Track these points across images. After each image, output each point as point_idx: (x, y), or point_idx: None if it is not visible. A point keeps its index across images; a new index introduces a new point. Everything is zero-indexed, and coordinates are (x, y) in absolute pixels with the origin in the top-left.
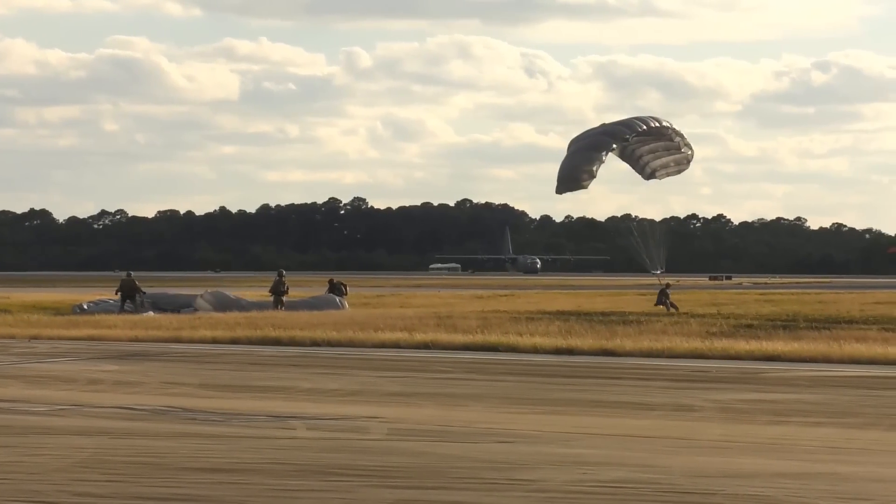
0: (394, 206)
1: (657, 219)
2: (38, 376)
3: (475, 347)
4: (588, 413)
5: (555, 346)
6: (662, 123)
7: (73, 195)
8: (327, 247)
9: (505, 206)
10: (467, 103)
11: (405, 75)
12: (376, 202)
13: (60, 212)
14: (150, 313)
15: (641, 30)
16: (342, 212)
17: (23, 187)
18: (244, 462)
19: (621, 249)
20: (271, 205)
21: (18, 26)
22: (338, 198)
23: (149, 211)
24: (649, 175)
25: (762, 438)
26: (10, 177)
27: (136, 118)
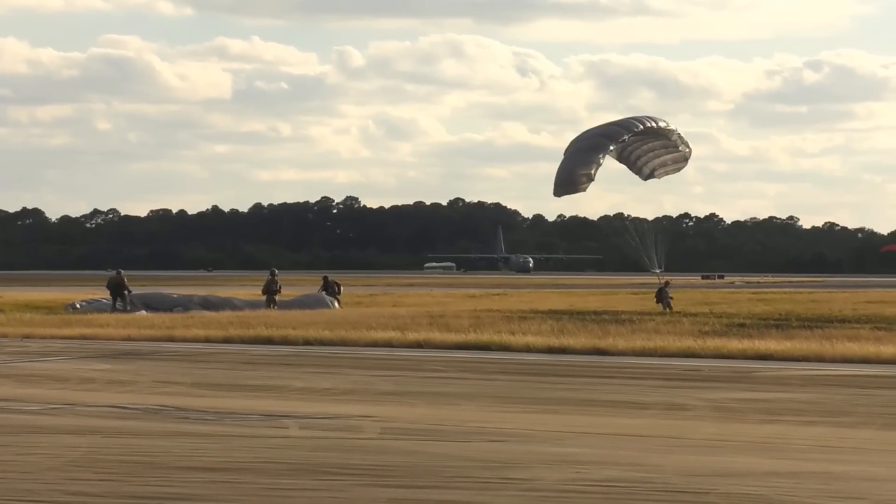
0: (386, 206)
1: (650, 218)
2: (30, 375)
3: (468, 346)
4: (580, 412)
5: (547, 346)
6: (658, 124)
7: (66, 194)
8: (320, 246)
9: (497, 205)
10: (460, 102)
11: (397, 74)
12: (369, 201)
13: (53, 211)
14: (143, 312)
15: (634, 29)
16: (335, 211)
17: (15, 186)
18: (237, 461)
19: (614, 248)
20: (264, 204)
21: (10, 25)
22: (330, 197)
23: (141, 210)
24: (648, 175)
25: (755, 437)
26: (2, 176)
27: (128, 117)
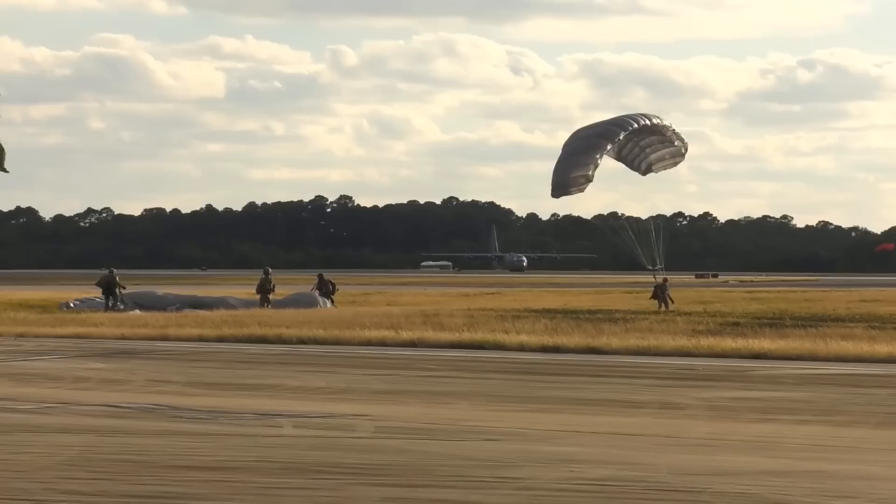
0: (380, 204)
1: (643, 216)
2: (24, 374)
3: (462, 345)
4: (574, 411)
5: (541, 344)
6: (653, 121)
7: (60, 193)
8: (314, 245)
9: (491, 203)
10: (453, 101)
11: (391, 73)
12: (362, 200)
13: (47, 210)
14: (137, 311)
15: (627, 28)
16: (328, 210)
17: (9, 185)
18: (231, 460)
19: (608, 247)
20: (257, 203)
21: (3, 24)
22: (324, 196)
23: (135, 209)
24: (646, 170)
25: (749, 436)
26: None
27: (121, 116)
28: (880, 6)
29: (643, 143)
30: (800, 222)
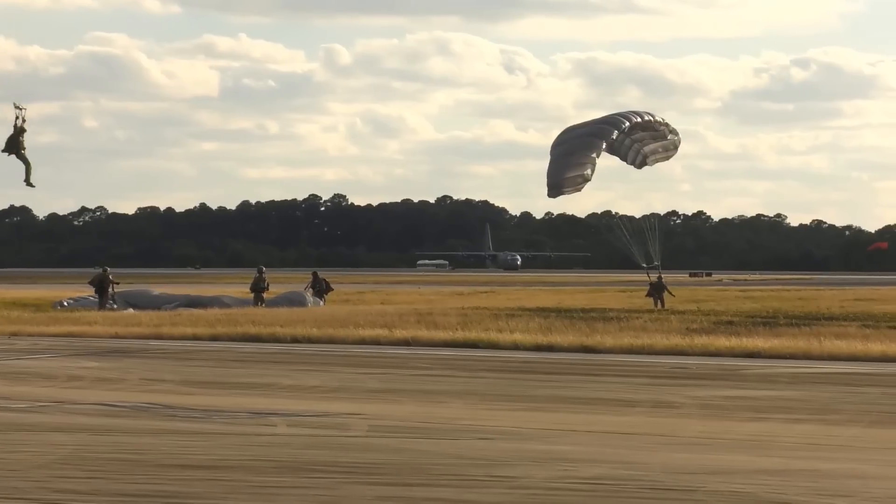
0: (374, 203)
1: (637, 215)
2: (18, 373)
3: (455, 344)
4: (568, 410)
5: (535, 343)
6: (644, 118)
7: (54, 192)
8: (307, 244)
9: (485, 202)
10: (447, 100)
11: (385, 72)
12: (356, 199)
13: (41, 208)
14: (130, 310)
15: (621, 26)
16: (322, 208)
17: (2, 183)
18: (225, 459)
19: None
20: (251, 201)
21: None
22: (318, 194)
23: (129, 207)
24: (640, 163)
25: (742, 435)
26: None
27: (115, 115)
28: (874, 5)
29: (636, 136)
30: (793, 221)
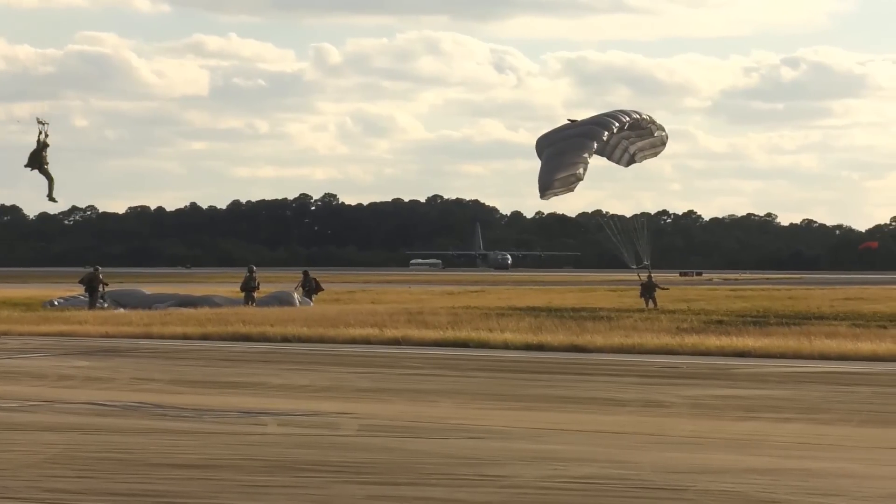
0: (364, 202)
1: (627, 214)
2: (8, 372)
3: (446, 343)
4: (558, 409)
5: (525, 342)
6: (633, 116)
7: (44, 191)
8: (298, 243)
9: (475, 201)
10: (437, 99)
11: (375, 71)
12: (347, 198)
13: (31, 208)
14: (121, 310)
15: (611, 26)
16: (313, 208)
17: None
18: (215, 458)
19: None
20: (242, 201)
21: None
22: (308, 194)
23: (119, 207)
24: (628, 161)
25: (732, 434)
26: None
27: (105, 114)
28: (864, 4)
29: (623, 134)
30: (784, 220)
